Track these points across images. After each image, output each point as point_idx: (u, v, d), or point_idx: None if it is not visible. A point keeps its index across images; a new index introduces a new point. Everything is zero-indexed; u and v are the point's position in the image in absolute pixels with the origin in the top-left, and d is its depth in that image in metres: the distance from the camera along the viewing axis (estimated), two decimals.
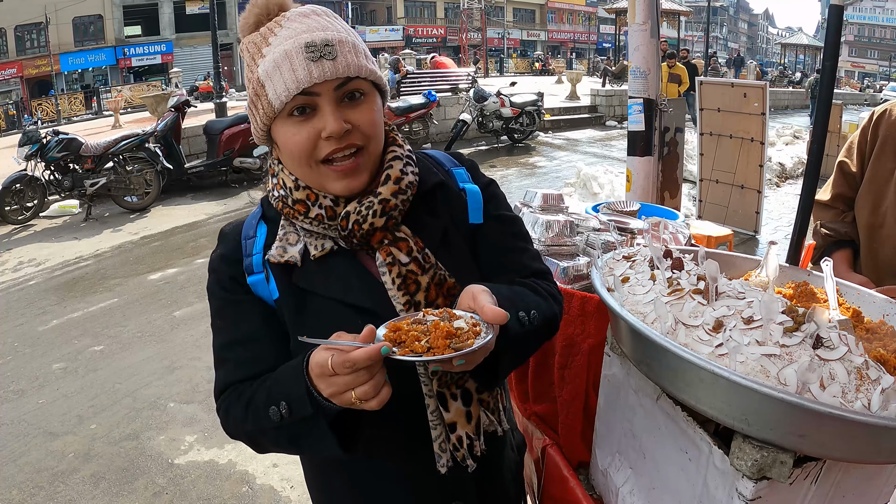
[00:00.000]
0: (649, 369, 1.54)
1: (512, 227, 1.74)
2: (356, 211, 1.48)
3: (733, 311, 1.41)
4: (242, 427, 1.49)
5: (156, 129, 12.37)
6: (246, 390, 1.49)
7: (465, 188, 1.70)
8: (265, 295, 1.54)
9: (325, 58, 1.39)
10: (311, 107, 1.42)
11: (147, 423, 5.14)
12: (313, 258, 1.52)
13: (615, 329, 1.79)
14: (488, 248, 1.68)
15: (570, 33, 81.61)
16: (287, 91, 1.39)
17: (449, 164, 1.75)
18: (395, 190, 1.52)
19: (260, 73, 1.42)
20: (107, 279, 8.51)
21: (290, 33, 1.43)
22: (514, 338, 1.41)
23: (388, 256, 1.51)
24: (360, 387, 1.23)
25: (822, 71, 2.41)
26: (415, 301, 1.51)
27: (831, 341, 1.31)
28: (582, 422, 2.22)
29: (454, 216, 1.65)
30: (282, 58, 1.39)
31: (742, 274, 2.19)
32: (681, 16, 35.30)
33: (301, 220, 1.52)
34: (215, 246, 1.64)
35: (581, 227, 2.45)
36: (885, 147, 2.86)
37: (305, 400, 1.30)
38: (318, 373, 1.26)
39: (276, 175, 1.58)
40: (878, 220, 2.84)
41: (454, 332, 1.25)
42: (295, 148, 1.44)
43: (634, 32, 5.28)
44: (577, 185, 11.08)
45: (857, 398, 1.24)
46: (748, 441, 1.32)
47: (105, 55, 51.06)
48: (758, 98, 8.68)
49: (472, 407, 1.58)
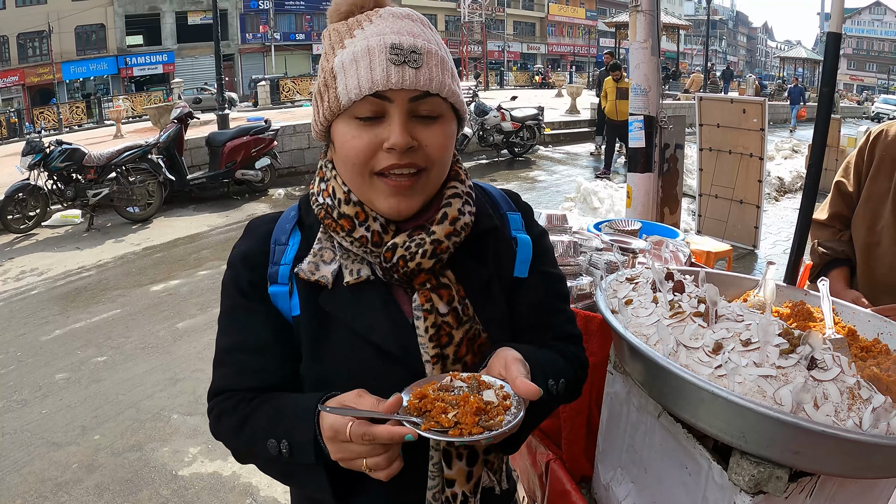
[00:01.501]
0: (651, 388, 1.59)
1: (556, 285, 1.65)
2: (404, 245, 1.38)
3: (732, 333, 1.46)
4: (233, 440, 1.44)
5: (159, 141, 12.43)
6: (243, 403, 1.41)
7: (517, 237, 1.59)
8: (284, 308, 1.44)
9: (408, 64, 1.28)
10: (380, 113, 1.31)
11: (150, 435, 5.16)
12: (346, 284, 1.41)
13: (619, 350, 1.84)
14: (527, 305, 1.57)
15: (570, 46, 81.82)
16: (359, 89, 1.28)
17: (505, 206, 1.64)
18: (450, 231, 1.41)
19: (335, 63, 1.32)
20: (109, 290, 8.53)
21: (378, 30, 1.32)
22: (540, 407, 1.36)
23: (427, 303, 1.41)
24: (372, 458, 1.19)
25: (820, 96, 2.47)
26: (444, 354, 1.41)
27: (825, 363, 1.36)
28: (585, 437, 2.26)
29: (500, 266, 1.54)
30: (362, 53, 1.29)
31: (741, 293, 2.24)
32: (680, 30, 35.46)
33: (342, 237, 1.41)
34: (238, 240, 1.53)
35: (584, 246, 2.50)
36: (881, 167, 2.90)
37: (310, 449, 1.25)
38: (331, 436, 1.21)
39: (326, 180, 1.47)
40: (875, 239, 2.88)
41: (483, 408, 1.19)
42: (352, 152, 1.33)
43: (635, 50, 5.35)
44: (577, 200, 11.13)
45: (849, 417, 1.29)
46: (746, 457, 1.37)
47: (107, 64, 51.26)
48: (757, 114, 8.73)
49: (475, 467, 1.48)
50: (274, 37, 57.49)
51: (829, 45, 2.42)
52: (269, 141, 13.74)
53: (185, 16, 53.10)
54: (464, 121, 1.48)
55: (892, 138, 2.90)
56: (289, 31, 59.41)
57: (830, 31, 2.40)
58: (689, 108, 9.29)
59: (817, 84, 55.15)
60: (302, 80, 40.24)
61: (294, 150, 16.07)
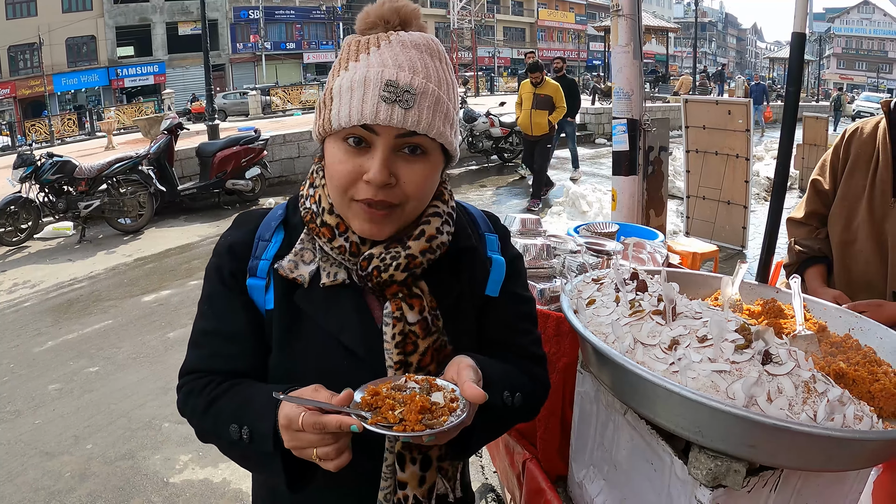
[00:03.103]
0: (612, 386, 1.62)
1: (524, 307, 1.70)
2: (380, 256, 1.42)
3: (689, 330, 1.49)
4: (199, 419, 1.48)
5: (149, 152, 12.43)
6: (212, 385, 1.47)
7: (493, 258, 1.63)
8: (259, 301, 1.50)
9: (398, 103, 1.30)
10: (367, 142, 1.34)
11: (142, 443, 5.17)
12: (323, 285, 1.46)
13: (583, 349, 1.88)
14: (495, 324, 1.62)
15: (560, 51, 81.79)
16: (349, 118, 1.31)
17: (484, 227, 1.69)
18: (425, 248, 1.45)
19: (335, 85, 1.36)
20: (101, 301, 8.54)
21: (380, 60, 1.35)
22: (493, 416, 1.41)
23: (398, 311, 1.45)
24: (322, 448, 1.23)
25: (787, 95, 2.51)
26: (407, 362, 1.45)
27: (780, 357, 1.40)
28: (559, 436, 2.29)
29: (473, 283, 1.59)
30: (358, 83, 1.32)
31: (714, 292, 2.28)
32: (669, 32, 35.50)
33: (323, 243, 1.47)
34: (228, 229, 1.59)
35: (558, 249, 2.53)
36: (857, 164, 2.93)
37: (269, 438, 1.30)
38: (285, 424, 1.25)
39: (315, 186, 1.51)
40: (851, 237, 2.91)
41: (429, 408, 1.23)
42: (335, 175, 1.37)
43: (618, 54, 5.38)
44: (565, 204, 11.16)
45: (804, 410, 1.32)
46: (703, 451, 1.40)
47: (98, 76, 51.24)
48: (742, 115, 8.79)
49: (428, 472, 1.52)
50: (264, 46, 57.52)
51: (794, 45, 2.46)
52: (258, 151, 13.74)
53: (176, 26, 53.10)
54: (453, 158, 1.50)
55: (868, 136, 2.93)
56: (279, 40, 59.44)
57: (794, 31, 2.43)
58: (679, 111, 9.31)
59: (807, 84, 55.19)
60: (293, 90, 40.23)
61: (284, 160, 15.98)
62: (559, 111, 13.20)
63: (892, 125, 2.83)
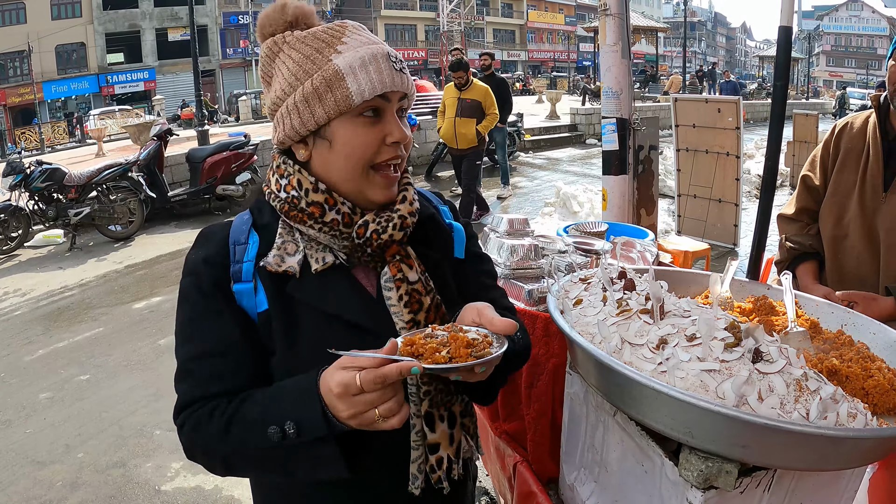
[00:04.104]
0: (600, 387, 1.60)
1: (486, 265, 1.83)
2: (375, 221, 1.50)
3: (677, 329, 1.47)
4: (220, 447, 1.40)
5: (139, 158, 12.37)
6: (221, 407, 1.41)
7: (453, 224, 1.77)
8: (249, 306, 1.48)
9: (402, 71, 1.48)
10: (380, 112, 1.47)
11: (134, 451, 5.13)
12: (315, 272, 1.48)
13: (571, 350, 1.86)
14: (470, 283, 1.73)
15: (550, 52, 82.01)
16: (373, 89, 1.42)
17: (436, 201, 1.82)
18: (411, 210, 1.56)
19: (340, 65, 1.42)
20: (92, 308, 8.49)
21: (365, 40, 1.48)
22: (510, 353, 1.41)
23: (399, 273, 1.53)
24: (384, 404, 1.23)
25: (774, 90, 2.48)
26: (417, 320, 1.52)
27: (770, 355, 1.38)
28: (549, 438, 2.27)
29: (445, 249, 1.71)
30: (370, 58, 1.44)
31: (704, 290, 2.27)
32: (658, 32, 35.58)
33: (309, 226, 1.49)
34: (191, 249, 1.57)
35: (547, 249, 2.52)
36: (847, 159, 2.93)
37: (320, 421, 1.27)
38: (341, 392, 1.23)
39: (286, 176, 1.52)
40: (842, 232, 2.91)
41: (472, 342, 1.27)
42: (360, 146, 1.46)
43: (606, 53, 5.37)
44: (556, 205, 11.11)
45: (796, 409, 1.30)
46: (694, 453, 1.38)
47: (88, 83, 51.08)
48: (732, 113, 8.79)
49: (455, 430, 1.58)
50: (254, 51, 57.39)
51: (781, 39, 2.44)
52: (249, 156, 13.68)
53: (166, 32, 52.95)
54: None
55: (858, 131, 2.92)
56: None
57: (781, 25, 2.41)
58: (669, 110, 9.25)
59: (797, 81, 55.19)
60: None
61: None
62: (490, 119, 10.86)
63: (881, 119, 2.83)
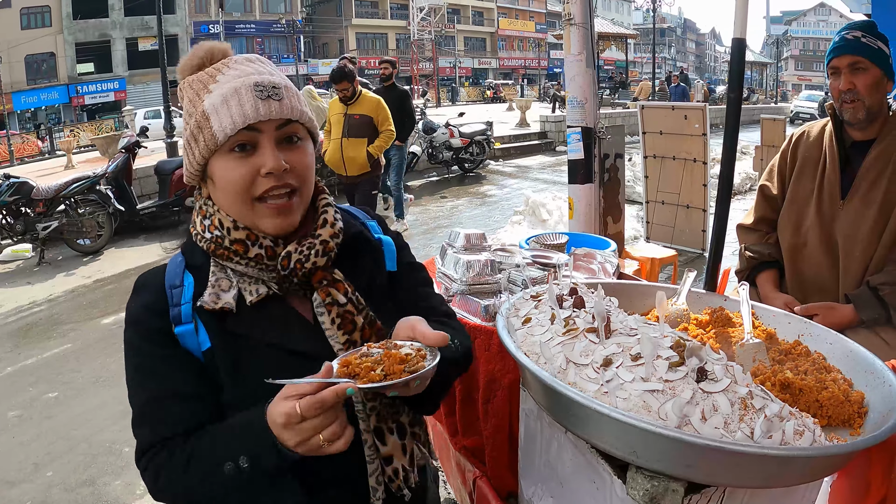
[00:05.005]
0: (547, 408, 1.60)
1: (421, 273, 1.86)
2: (297, 251, 1.51)
3: (622, 348, 1.47)
4: (183, 484, 1.44)
5: (107, 171, 12.23)
6: (178, 448, 1.45)
7: (381, 238, 1.78)
8: (193, 346, 1.50)
9: (272, 98, 1.46)
10: (252, 144, 1.46)
11: (103, 469, 5.09)
12: (250, 304, 1.50)
13: (520, 369, 1.86)
14: (405, 294, 1.75)
15: (521, 60, 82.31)
16: (233, 124, 1.43)
17: (363, 216, 1.83)
18: (332, 234, 1.57)
19: (206, 106, 1.47)
20: (60, 324, 8.40)
21: (239, 73, 1.49)
22: (449, 362, 1.46)
23: (328, 297, 1.54)
24: (327, 428, 1.26)
25: (728, 102, 2.50)
26: (353, 340, 1.54)
27: (715, 374, 1.38)
28: (508, 453, 2.27)
29: (374, 264, 1.72)
30: (231, 93, 1.45)
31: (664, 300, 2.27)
32: (628, 39, 35.81)
33: (236, 262, 1.52)
34: (131, 298, 1.59)
35: (504, 264, 2.52)
36: (804, 168, 2.95)
37: (271, 452, 1.31)
38: (284, 422, 1.26)
39: (209, 216, 1.57)
40: (801, 240, 2.93)
41: (405, 358, 1.31)
42: (233, 182, 1.47)
43: (570, 63, 5.37)
44: (525, 213, 11.08)
45: (740, 428, 1.30)
46: (640, 472, 1.38)
47: (58, 93, 50.71)
48: (698, 119, 8.85)
49: (406, 440, 1.60)
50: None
51: (735, 51, 2.45)
52: None
53: (136, 42, 52.68)
54: (317, 139, 1.71)
55: (814, 139, 2.95)
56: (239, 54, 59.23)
57: (735, 37, 2.42)
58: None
59: (765, 86, 55.52)
60: None
61: None
62: (384, 137, 8.90)
63: (837, 128, 2.85)
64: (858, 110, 2.71)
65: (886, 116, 2.77)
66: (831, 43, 2.81)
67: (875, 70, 2.68)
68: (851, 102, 2.71)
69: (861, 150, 2.81)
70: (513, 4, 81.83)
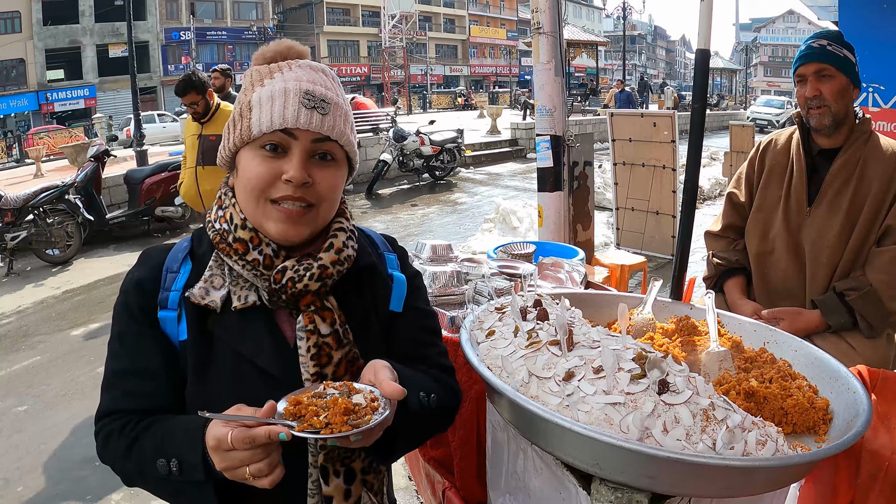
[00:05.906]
0: (511, 421, 1.61)
1: (428, 320, 1.79)
2: (293, 268, 1.49)
3: (584, 361, 1.48)
4: (123, 462, 1.47)
5: (76, 180, 12.10)
6: (131, 425, 1.47)
7: (394, 275, 1.74)
8: (172, 333, 1.52)
9: (316, 110, 1.46)
10: (284, 148, 1.47)
11: (74, 483, 5.02)
12: (234, 309, 1.50)
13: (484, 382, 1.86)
14: (402, 338, 1.70)
15: (492, 67, 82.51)
16: (270, 123, 1.44)
17: (383, 247, 1.80)
18: (335, 260, 1.54)
19: (253, 97, 1.48)
20: (29, 336, 8.30)
21: (296, 77, 1.50)
22: (413, 416, 1.45)
23: (311, 324, 1.51)
24: (255, 464, 1.24)
25: (692, 112, 2.51)
26: (323, 373, 1.51)
27: (676, 386, 1.39)
28: (476, 464, 2.27)
29: (377, 300, 1.68)
30: (279, 93, 1.46)
31: (629, 311, 2.28)
32: (598, 46, 36.00)
33: (235, 260, 1.51)
34: (133, 267, 1.63)
35: (471, 274, 2.52)
36: (771, 176, 2.98)
37: (199, 466, 1.31)
38: (215, 445, 1.26)
39: (224, 207, 1.58)
40: (768, 247, 2.96)
41: (352, 409, 1.27)
42: (253, 178, 1.47)
43: (539, 72, 5.39)
44: (496, 220, 11.08)
45: (702, 439, 1.31)
46: (604, 483, 1.39)
47: (27, 100, 50.11)
48: (667, 126, 8.94)
49: (353, 485, 1.55)
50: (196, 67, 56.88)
51: (698, 61, 2.47)
52: None
53: (107, 49, 52.22)
54: (354, 168, 1.65)
55: (782, 147, 2.98)
56: (211, 61, 58.61)
57: (698, 48, 2.44)
58: None
59: (735, 92, 55.84)
60: None
61: None
62: None
63: (804, 136, 2.88)
64: (825, 116, 2.74)
65: (853, 124, 2.81)
66: (798, 51, 2.85)
67: (841, 77, 2.72)
68: (818, 109, 2.74)
69: (828, 157, 2.85)
70: (484, 12, 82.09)
